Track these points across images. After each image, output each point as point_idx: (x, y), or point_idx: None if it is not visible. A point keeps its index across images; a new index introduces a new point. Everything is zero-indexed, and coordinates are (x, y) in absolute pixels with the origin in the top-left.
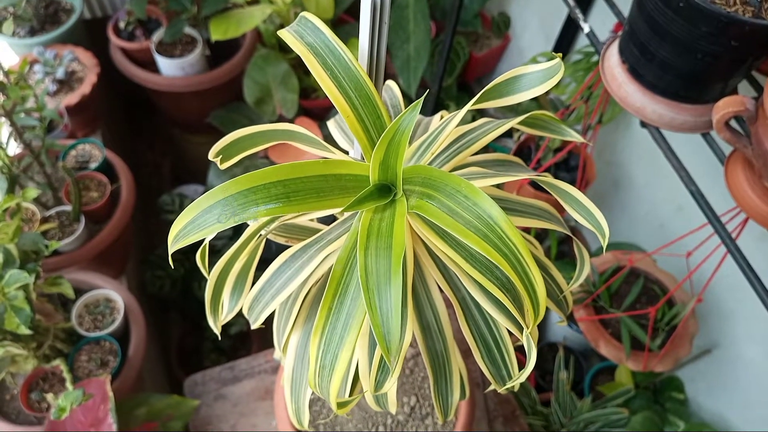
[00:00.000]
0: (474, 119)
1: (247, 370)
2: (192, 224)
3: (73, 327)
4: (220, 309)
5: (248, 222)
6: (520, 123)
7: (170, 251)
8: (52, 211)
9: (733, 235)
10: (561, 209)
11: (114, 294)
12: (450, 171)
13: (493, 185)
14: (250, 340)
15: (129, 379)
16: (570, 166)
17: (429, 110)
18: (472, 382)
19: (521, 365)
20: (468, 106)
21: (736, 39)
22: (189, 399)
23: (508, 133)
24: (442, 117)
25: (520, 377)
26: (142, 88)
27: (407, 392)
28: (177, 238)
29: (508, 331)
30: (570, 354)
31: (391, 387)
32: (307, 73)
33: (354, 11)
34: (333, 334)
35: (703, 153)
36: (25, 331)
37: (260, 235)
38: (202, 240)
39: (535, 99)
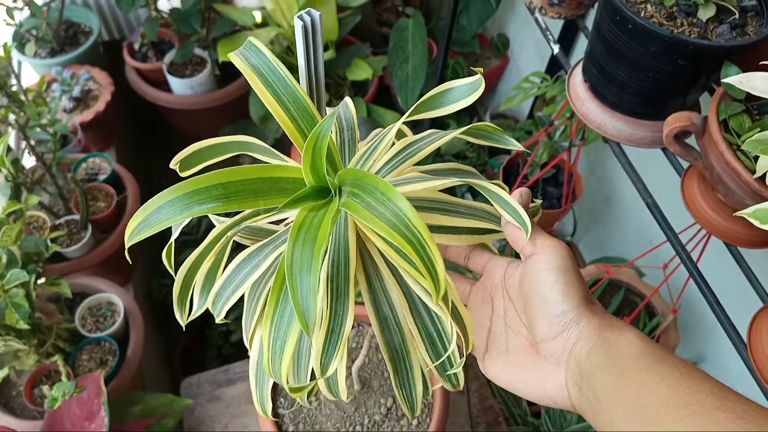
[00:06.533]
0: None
1: (241, 373)
2: (144, 222)
3: (76, 327)
4: (186, 306)
5: (215, 224)
6: (465, 133)
7: (126, 246)
8: (62, 220)
9: (699, 251)
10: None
11: (115, 297)
12: (396, 177)
13: (439, 190)
14: None
15: (127, 378)
16: (558, 181)
17: (427, 127)
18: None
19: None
20: (403, 118)
21: (683, 58)
22: (182, 398)
23: (508, 151)
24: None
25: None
26: (155, 107)
27: (384, 394)
28: (132, 234)
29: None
30: None
31: (335, 369)
32: None
33: (358, 33)
34: (281, 322)
35: (667, 170)
36: (23, 326)
37: (227, 236)
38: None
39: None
